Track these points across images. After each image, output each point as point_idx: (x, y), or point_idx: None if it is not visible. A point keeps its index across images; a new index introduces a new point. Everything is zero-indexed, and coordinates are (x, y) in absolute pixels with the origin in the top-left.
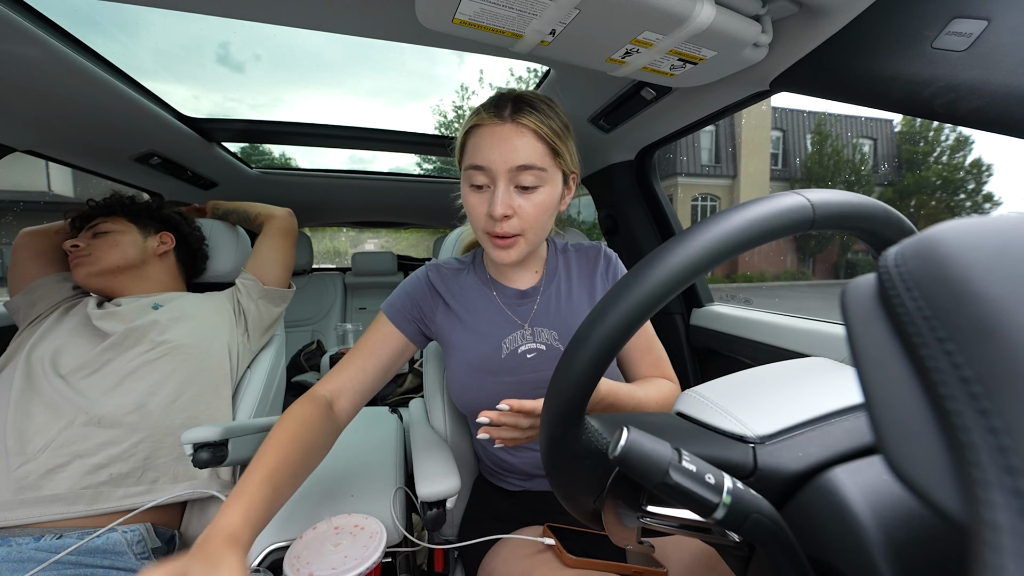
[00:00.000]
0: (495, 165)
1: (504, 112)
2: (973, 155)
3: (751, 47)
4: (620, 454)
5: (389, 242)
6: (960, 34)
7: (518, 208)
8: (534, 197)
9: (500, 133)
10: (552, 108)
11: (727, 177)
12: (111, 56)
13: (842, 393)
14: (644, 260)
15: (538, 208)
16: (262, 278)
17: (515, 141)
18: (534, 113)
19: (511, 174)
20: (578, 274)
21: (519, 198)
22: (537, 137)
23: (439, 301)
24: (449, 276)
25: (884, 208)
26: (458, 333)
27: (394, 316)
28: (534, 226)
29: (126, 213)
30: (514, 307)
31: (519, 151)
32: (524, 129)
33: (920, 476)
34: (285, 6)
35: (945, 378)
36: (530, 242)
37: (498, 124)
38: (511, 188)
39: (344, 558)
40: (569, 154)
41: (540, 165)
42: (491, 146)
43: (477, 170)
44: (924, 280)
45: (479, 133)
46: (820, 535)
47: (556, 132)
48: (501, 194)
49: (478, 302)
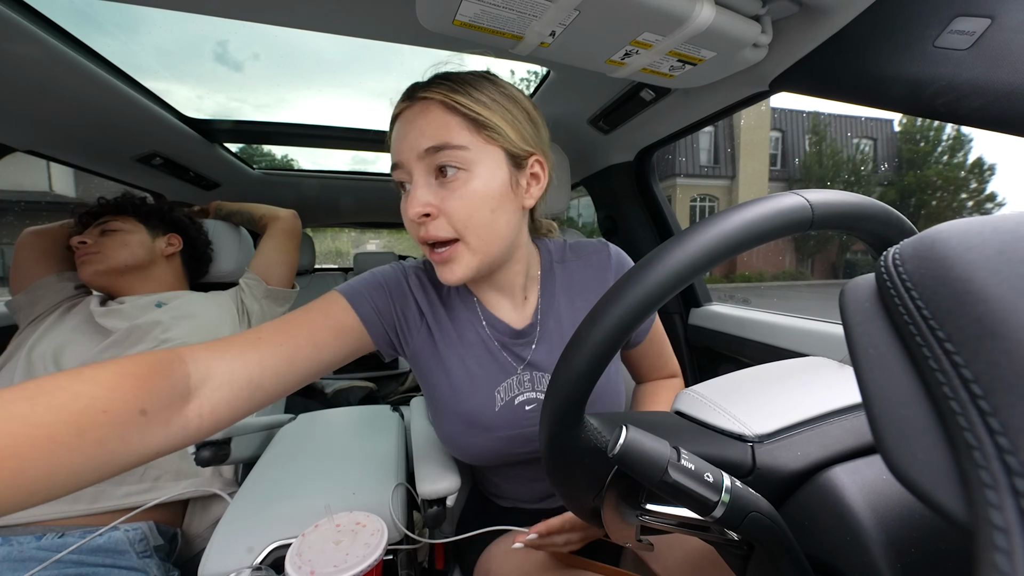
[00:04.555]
0: (403, 154)
1: (415, 93)
2: (974, 154)
3: (751, 47)
4: (619, 452)
5: (391, 242)
6: (963, 32)
7: (441, 203)
8: (459, 187)
9: (407, 116)
10: (483, 77)
11: (726, 178)
12: (112, 56)
13: (841, 393)
14: (643, 260)
15: (468, 200)
16: (266, 278)
17: (420, 120)
18: (444, 83)
19: (423, 161)
20: (583, 289)
21: (442, 190)
22: (446, 108)
23: (422, 319)
24: (431, 290)
25: (884, 208)
26: (440, 373)
27: (363, 310)
28: (471, 225)
29: (136, 213)
30: (509, 347)
31: (425, 130)
32: (430, 103)
33: (920, 476)
34: (285, 7)
35: (945, 378)
36: (476, 250)
37: (406, 107)
38: (431, 180)
39: (346, 556)
40: (513, 129)
41: (456, 143)
42: (399, 135)
43: (394, 168)
44: (924, 280)
45: (394, 126)
46: (819, 534)
47: (477, 100)
48: (415, 189)
49: (465, 334)
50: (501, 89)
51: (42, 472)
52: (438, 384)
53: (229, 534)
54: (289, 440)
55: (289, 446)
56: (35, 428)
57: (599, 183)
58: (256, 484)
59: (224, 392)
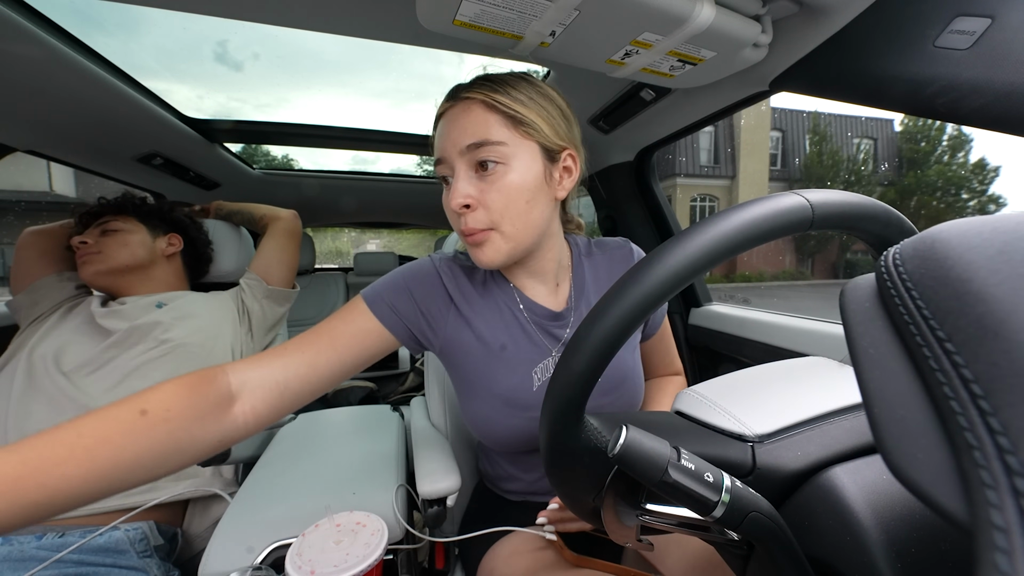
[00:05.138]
0: (446, 151)
1: (458, 94)
2: (975, 155)
3: (751, 47)
4: (619, 452)
5: (391, 242)
6: (963, 32)
7: (481, 195)
8: (498, 179)
9: (450, 115)
10: (520, 78)
11: (726, 178)
12: (113, 55)
13: (841, 393)
14: (643, 260)
15: (506, 192)
16: (267, 278)
17: (463, 119)
18: (485, 84)
19: (465, 156)
20: (609, 281)
21: (481, 183)
22: (487, 107)
23: (451, 308)
24: (462, 277)
25: (884, 208)
26: (477, 355)
27: (381, 311)
28: (508, 215)
29: (137, 213)
30: (546, 329)
31: (467, 128)
32: (471, 103)
33: (920, 476)
34: (285, 7)
35: (945, 378)
36: (510, 237)
37: (449, 107)
38: (471, 174)
39: (346, 555)
40: (548, 125)
41: (495, 139)
42: (443, 132)
43: (437, 163)
44: (924, 280)
45: (438, 124)
46: (819, 534)
47: (515, 99)
48: (456, 182)
49: (500, 317)
50: (537, 88)
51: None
52: (475, 367)
53: (229, 534)
54: (289, 440)
55: (289, 446)
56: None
57: (599, 183)
58: (256, 484)
59: (260, 394)
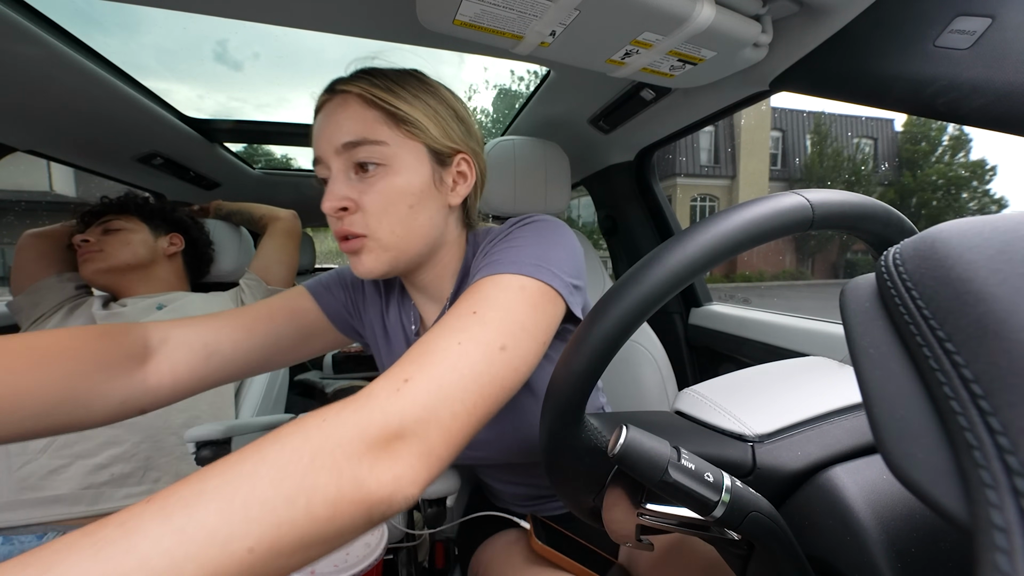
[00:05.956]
0: (321, 150)
1: (335, 86)
2: (975, 155)
3: (751, 47)
4: (619, 452)
5: None
6: (963, 32)
7: (358, 198)
8: (376, 182)
9: (326, 110)
10: (408, 74)
11: (726, 178)
12: (113, 55)
13: (841, 393)
14: (643, 260)
15: (386, 195)
16: (266, 278)
17: (339, 114)
18: (365, 77)
19: (342, 156)
20: None
21: (360, 184)
22: (365, 103)
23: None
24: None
25: (884, 208)
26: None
27: (317, 291)
28: (387, 221)
29: (139, 212)
30: None
31: (343, 124)
32: (348, 97)
33: (920, 476)
34: (285, 7)
35: (945, 378)
36: (386, 246)
37: (327, 101)
38: (350, 175)
39: (346, 555)
40: (436, 125)
41: (373, 137)
42: (318, 129)
43: (315, 163)
44: (924, 280)
45: (316, 119)
46: (820, 534)
47: (398, 95)
48: (332, 183)
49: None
50: (427, 86)
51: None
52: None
53: None
54: None
55: None
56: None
57: (599, 183)
58: None
59: (182, 352)
